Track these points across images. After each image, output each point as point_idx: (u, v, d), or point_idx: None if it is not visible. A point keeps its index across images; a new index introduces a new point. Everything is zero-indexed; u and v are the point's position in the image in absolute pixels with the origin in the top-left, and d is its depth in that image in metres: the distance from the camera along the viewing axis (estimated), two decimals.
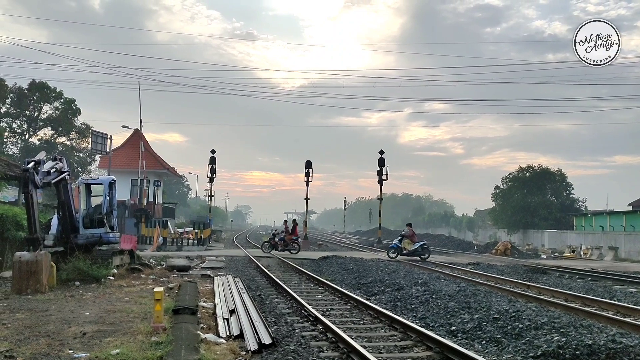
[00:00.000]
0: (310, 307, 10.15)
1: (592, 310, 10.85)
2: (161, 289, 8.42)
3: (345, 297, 12.27)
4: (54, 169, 14.12)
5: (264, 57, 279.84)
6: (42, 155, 14.10)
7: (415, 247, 24.31)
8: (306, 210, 41.00)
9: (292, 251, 25.66)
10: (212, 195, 44.07)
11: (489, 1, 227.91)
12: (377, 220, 44.44)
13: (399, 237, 25.17)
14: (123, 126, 43.42)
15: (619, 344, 6.92)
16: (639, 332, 8.62)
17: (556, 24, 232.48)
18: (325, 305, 11.34)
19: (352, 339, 7.69)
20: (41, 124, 46.16)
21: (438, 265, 21.68)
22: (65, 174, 14.67)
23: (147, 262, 17.80)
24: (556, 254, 34.47)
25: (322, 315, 9.55)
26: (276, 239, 26.70)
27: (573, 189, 55.87)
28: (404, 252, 24.19)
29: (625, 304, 11.65)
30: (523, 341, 7.61)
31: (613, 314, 10.62)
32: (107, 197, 15.98)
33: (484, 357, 6.95)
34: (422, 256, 24.06)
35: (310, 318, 9.57)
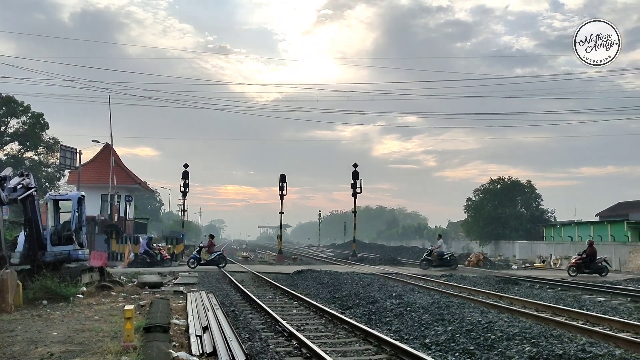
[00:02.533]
0: (284, 322, 10.08)
1: (562, 320, 11.01)
2: (132, 306, 8.26)
3: (320, 311, 12.22)
4: (21, 185, 13.81)
5: (238, 71, 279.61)
6: (8, 171, 13.78)
7: (213, 257, 25.43)
8: (280, 223, 40.85)
9: (219, 265, 25.28)
10: (185, 210, 43.45)
11: (459, 17, 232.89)
12: (351, 233, 44.50)
13: (198, 248, 26.27)
14: (93, 140, 42.65)
15: (588, 354, 7.05)
16: (608, 341, 8.79)
17: (524, 39, 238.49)
18: (300, 320, 11.27)
19: (327, 353, 7.65)
20: (8, 138, 45.07)
21: (412, 278, 21.78)
22: (32, 190, 14.35)
23: (117, 279, 17.44)
24: (527, 265, 35.00)
25: (296, 330, 9.48)
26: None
27: (542, 200, 57.06)
28: (202, 262, 25.20)
29: (594, 313, 11.88)
30: (495, 352, 7.68)
31: (582, 324, 10.81)
32: (76, 213, 15.67)
33: None
34: (220, 265, 24.98)
35: (285, 333, 9.49)
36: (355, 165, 40.01)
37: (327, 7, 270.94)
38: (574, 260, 25.45)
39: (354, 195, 39.85)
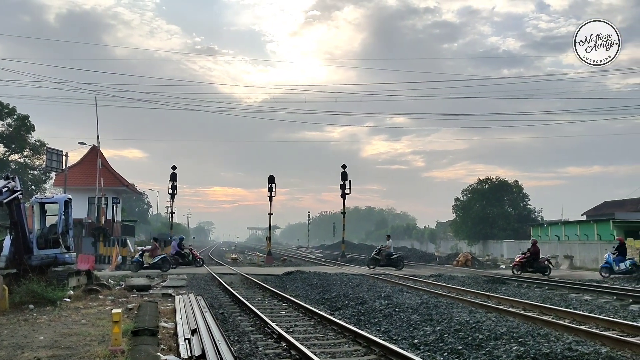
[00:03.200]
0: (273, 324, 10.07)
1: (549, 319, 11.12)
2: (119, 310, 8.21)
3: (309, 312, 12.22)
4: (6, 188, 13.66)
5: (226, 72, 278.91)
6: None
7: (155, 261, 25.42)
8: (269, 225, 40.77)
9: (162, 269, 25.16)
10: (174, 212, 43.33)
11: (446, 18, 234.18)
12: (340, 234, 44.54)
13: (141, 252, 26.19)
14: (80, 143, 42.21)
15: (575, 352, 7.12)
16: (595, 339, 8.89)
17: (510, 40, 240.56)
18: (289, 322, 11.26)
19: (316, 355, 7.66)
20: None
21: (401, 278, 21.86)
22: (18, 193, 14.20)
23: (105, 282, 17.31)
24: (552, 266, 35.23)
25: (285, 332, 9.48)
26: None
27: (529, 199, 57.56)
28: (145, 266, 25.13)
29: (581, 312, 12.00)
30: (483, 352, 7.74)
31: (569, 322, 10.92)
32: (63, 216, 15.53)
33: None
34: (162, 269, 24.89)
35: (274, 335, 9.48)
36: (344, 166, 40.05)
37: (314, 9, 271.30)
38: (517, 259, 25.88)
39: (343, 196, 39.90)
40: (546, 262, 25.15)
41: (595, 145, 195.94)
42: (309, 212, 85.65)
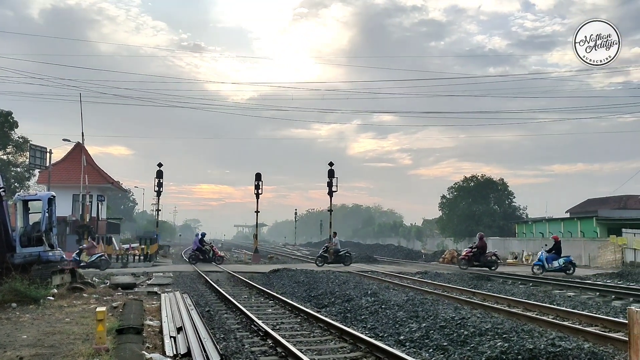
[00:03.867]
0: (260, 322, 10.06)
1: (533, 315, 11.24)
2: (104, 308, 8.14)
3: (296, 310, 12.23)
4: None
5: (213, 69, 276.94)
6: None
7: (93, 259, 24.96)
8: (256, 222, 40.67)
9: (100, 268, 24.71)
10: (160, 210, 42.84)
11: (433, 16, 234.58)
12: (327, 231, 44.56)
13: (78, 250, 25.70)
14: (64, 139, 41.65)
15: (558, 348, 7.20)
16: (577, 335, 9.01)
17: (496, 39, 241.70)
18: (276, 319, 11.25)
19: (302, 352, 7.66)
20: None
21: (387, 275, 21.95)
22: (1, 190, 14.03)
23: (89, 280, 17.16)
24: (499, 261, 35.55)
25: (272, 329, 9.47)
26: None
27: (515, 197, 57.98)
28: (82, 264, 24.45)
29: (564, 308, 12.14)
30: (468, 348, 7.80)
31: (553, 318, 11.04)
32: (46, 214, 15.36)
33: None
34: (101, 268, 24.51)
35: (260, 333, 9.48)
36: (331, 164, 39.96)
37: (302, 6, 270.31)
38: (464, 254, 26.06)
39: (330, 193, 39.81)
40: (492, 257, 25.39)
41: (580, 144, 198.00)
42: (296, 209, 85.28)
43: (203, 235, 31.50)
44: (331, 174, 39.58)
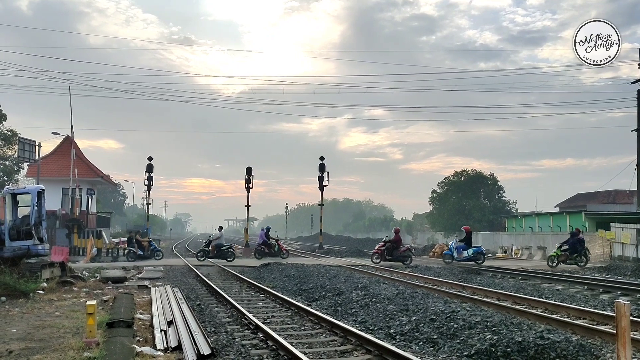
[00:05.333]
0: (250, 315, 10.07)
1: (522, 308, 11.34)
2: (94, 302, 8.12)
3: (287, 303, 12.25)
4: None
5: (203, 63, 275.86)
6: None
7: None
8: (247, 217, 40.64)
9: None
10: (150, 204, 42.75)
11: (424, 11, 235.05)
12: (318, 225, 44.63)
13: None
14: (53, 133, 41.29)
15: (546, 340, 7.27)
16: (566, 328, 9.10)
17: (487, 34, 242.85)
18: (266, 313, 11.27)
19: (293, 345, 7.69)
20: None
21: (378, 269, 22.03)
22: None
23: (79, 274, 17.10)
24: (489, 255, 35.79)
25: (262, 323, 9.48)
26: None
27: (504, 192, 58.41)
28: None
29: (553, 301, 12.25)
30: (458, 341, 7.86)
31: (541, 311, 11.13)
32: (36, 207, 15.26)
33: (420, 358, 7.14)
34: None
35: (251, 326, 9.49)
36: (322, 158, 40.08)
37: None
38: (376, 248, 26.12)
39: (321, 188, 39.96)
40: (407, 252, 25.56)
41: (569, 139, 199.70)
42: (286, 203, 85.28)
43: (268, 229, 31.48)
44: (322, 168, 39.66)
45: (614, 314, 5.39)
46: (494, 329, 8.19)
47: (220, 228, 30.58)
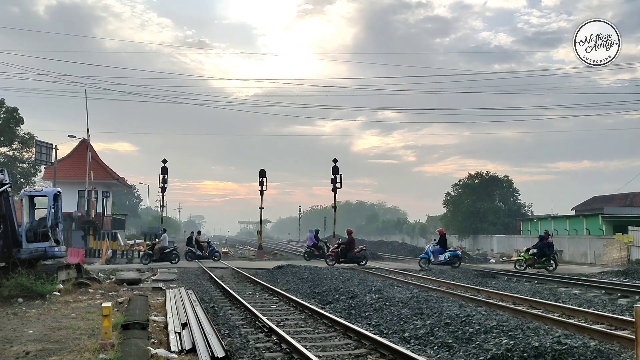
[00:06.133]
0: (264, 318, 10.07)
1: (539, 313, 11.20)
2: (109, 303, 8.17)
3: (300, 306, 12.23)
4: None
5: (217, 66, 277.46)
6: None
7: None
8: (260, 219, 40.71)
9: None
10: (164, 206, 43.07)
11: (438, 13, 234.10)
12: (331, 228, 44.53)
13: None
14: (69, 136, 41.76)
15: (564, 345, 7.17)
16: (583, 333, 8.97)
17: (501, 35, 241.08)
18: (280, 316, 11.27)
19: (307, 348, 7.67)
20: None
21: (392, 272, 21.94)
22: (7, 186, 14.10)
23: (95, 276, 17.24)
24: (504, 258, 35.50)
25: (276, 325, 9.48)
26: None
27: (519, 194, 57.84)
28: None
29: (570, 306, 12.09)
30: (473, 345, 7.78)
31: (558, 316, 11.00)
32: (52, 210, 15.40)
33: None
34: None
35: (265, 329, 9.48)
36: (335, 160, 39.96)
37: (307, 2, 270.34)
38: (331, 250, 26.02)
39: (334, 190, 39.83)
40: (361, 253, 25.62)
41: (586, 141, 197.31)
42: (300, 206, 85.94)
43: (317, 231, 31.65)
44: (335, 170, 39.56)
45: (633, 319, 5.29)
46: (510, 333, 8.10)
47: (164, 230, 29.61)
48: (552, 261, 23.70)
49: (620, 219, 36.27)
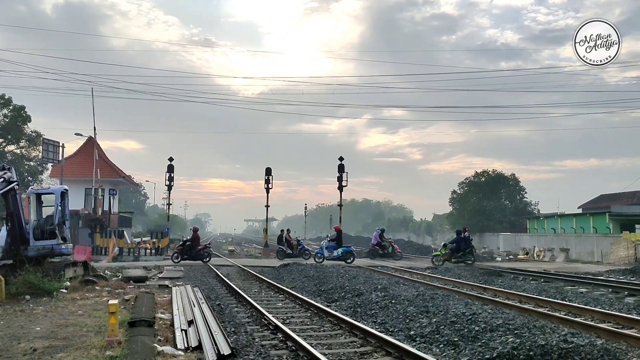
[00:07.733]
0: (270, 316, 10.09)
1: (545, 311, 11.16)
2: (116, 301, 8.20)
3: (306, 304, 12.24)
4: (2, 179, 13.65)
5: (224, 64, 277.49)
6: None
7: None
8: (266, 217, 40.79)
9: None
10: (171, 204, 43.08)
11: (444, 10, 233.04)
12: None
13: None
14: (76, 134, 42.05)
15: (570, 344, 7.14)
16: (590, 331, 8.93)
17: (508, 33, 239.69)
18: (286, 313, 11.29)
19: (312, 346, 7.68)
20: None
21: (397, 270, 21.91)
22: (14, 183, 14.17)
23: (102, 273, 17.33)
24: (511, 256, 35.38)
25: (282, 323, 9.49)
26: None
27: (526, 192, 57.58)
28: None
29: (576, 304, 12.05)
30: (479, 343, 7.76)
31: (565, 315, 10.96)
32: (59, 207, 15.50)
33: None
34: None
35: (271, 326, 9.50)
36: (341, 159, 39.92)
37: (313, 0, 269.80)
38: (177, 247, 26.28)
39: (340, 188, 39.79)
40: (205, 250, 25.95)
41: (592, 139, 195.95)
42: (305, 204, 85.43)
43: (383, 230, 31.81)
44: (341, 168, 39.52)
45: None
46: (516, 331, 8.07)
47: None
48: (470, 255, 24.83)
49: (628, 217, 36.07)
